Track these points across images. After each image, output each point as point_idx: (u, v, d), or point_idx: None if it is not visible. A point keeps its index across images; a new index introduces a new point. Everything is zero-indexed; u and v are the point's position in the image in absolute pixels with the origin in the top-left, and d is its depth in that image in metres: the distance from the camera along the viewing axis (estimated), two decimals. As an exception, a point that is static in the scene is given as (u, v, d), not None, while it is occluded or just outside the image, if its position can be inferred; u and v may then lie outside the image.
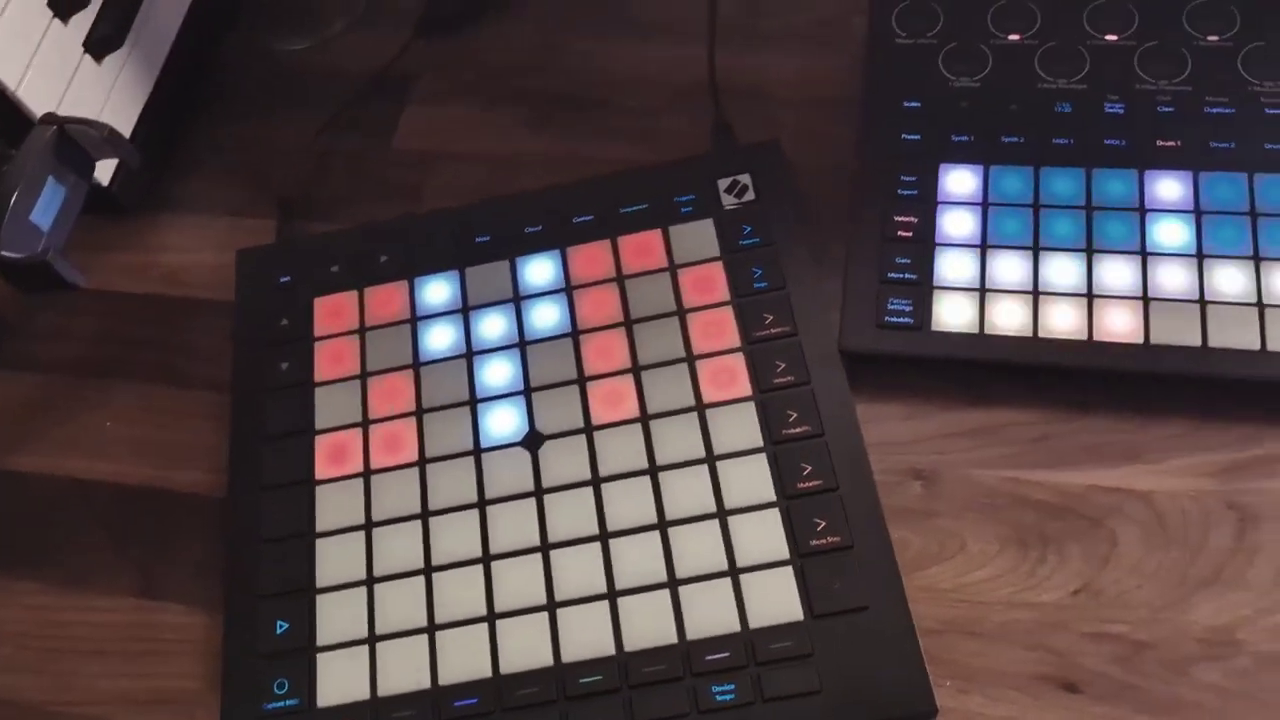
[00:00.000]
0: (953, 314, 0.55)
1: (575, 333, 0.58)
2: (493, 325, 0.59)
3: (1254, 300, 0.52)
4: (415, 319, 0.60)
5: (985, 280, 0.55)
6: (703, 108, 0.66)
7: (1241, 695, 0.46)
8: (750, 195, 0.61)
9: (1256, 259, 0.54)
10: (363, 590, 0.53)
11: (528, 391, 0.57)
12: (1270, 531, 0.49)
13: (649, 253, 0.60)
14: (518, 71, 0.71)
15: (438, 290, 0.61)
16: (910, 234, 0.57)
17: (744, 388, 0.55)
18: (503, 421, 0.56)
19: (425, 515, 0.54)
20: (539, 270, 0.60)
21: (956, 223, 0.57)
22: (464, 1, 0.74)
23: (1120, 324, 0.53)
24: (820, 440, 0.53)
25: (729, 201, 0.61)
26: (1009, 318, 0.54)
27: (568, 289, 0.60)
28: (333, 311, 0.61)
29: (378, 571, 0.53)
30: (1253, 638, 0.47)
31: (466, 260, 0.61)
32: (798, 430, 0.53)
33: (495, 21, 0.73)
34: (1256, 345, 0.51)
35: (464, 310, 0.60)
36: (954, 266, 0.56)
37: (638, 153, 0.65)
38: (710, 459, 0.53)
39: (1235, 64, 0.58)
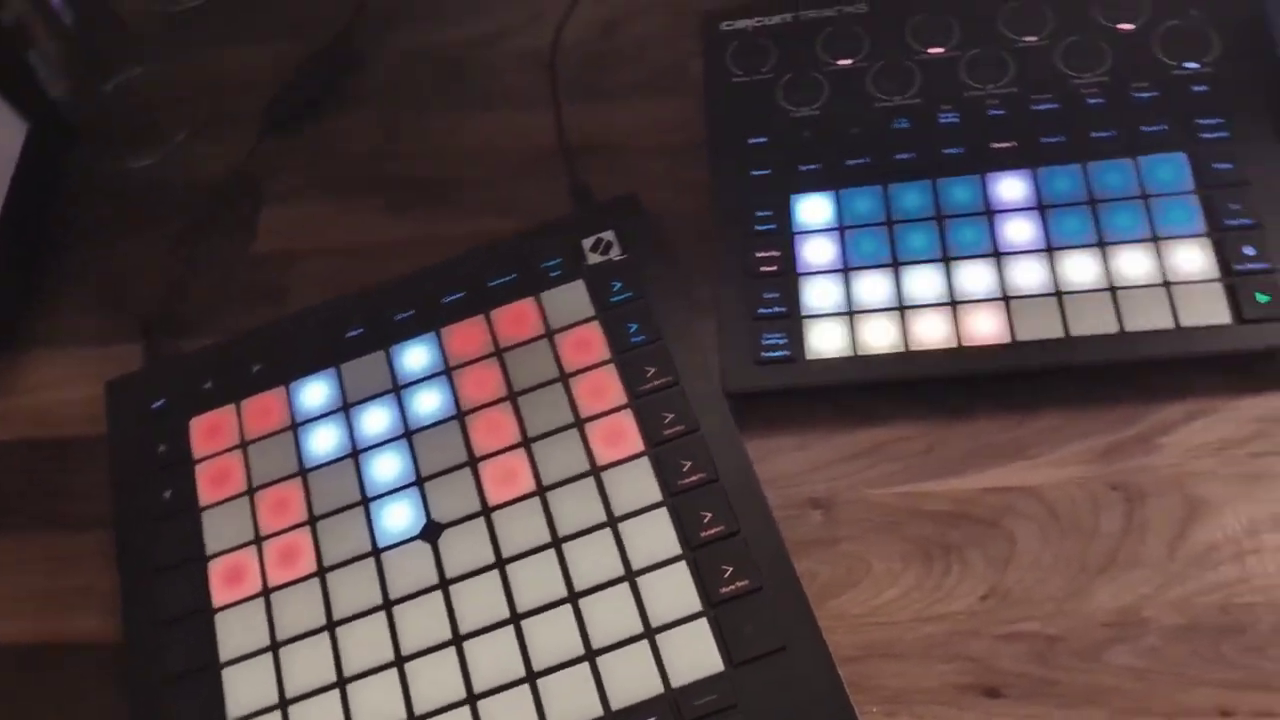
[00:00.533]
0: (826, 341, 0.56)
1: (460, 414, 0.57)
2: (376, 419, 0.58)
3: (1105, 285, 0.54)
4: (296, 425, 0.59)
5: (852, 302, 0.56)
6: (558, 170, 0.66)
7: (1155, 672, 0.47)
8: (616, 251, 0.61)
9: (1102, 245, 0.55)
10: (277, 715, 0.51)
11: (420, 482, 0.56)
12: (1156, 507, 0.50)
13: (524, 322, 0.60)
14: (368, 159, 0.70)
15: (315, 392, 0.60)
16: (774, 268, 0.58)
17: (635, 444, 0.55)
18: (398, 517, 0.55)
19: (331, 626, 0.53)
20: (415, 356, 0.60)
21: (816, 250, 0.58)
22: (304, 97, 0.73)
23: (986, 327, 0.54)
24: (716, 485, 0.53)
25: (595, 260, 0.61)
26: (880, 336, 0.55)
27: (447, 371, 0.59)
28: (211, 430, 0.60)
29: (290, 692, 0.52)
30: (1156, 614, 0.48)
31: (341, 356, 0.61)
32: (693, 479, 0.53)
33: (338, 113, 0.73)
34: (1115, 328, 0.53)
35: (345, 408, 0.59)
36: (820, 294, 0.57)
37: (500, 224, 0.65)
38: (612, 521, 0.53)
39: (1054, 61, 0.61)
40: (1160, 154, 0.57)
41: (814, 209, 0.59)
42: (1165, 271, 0.54)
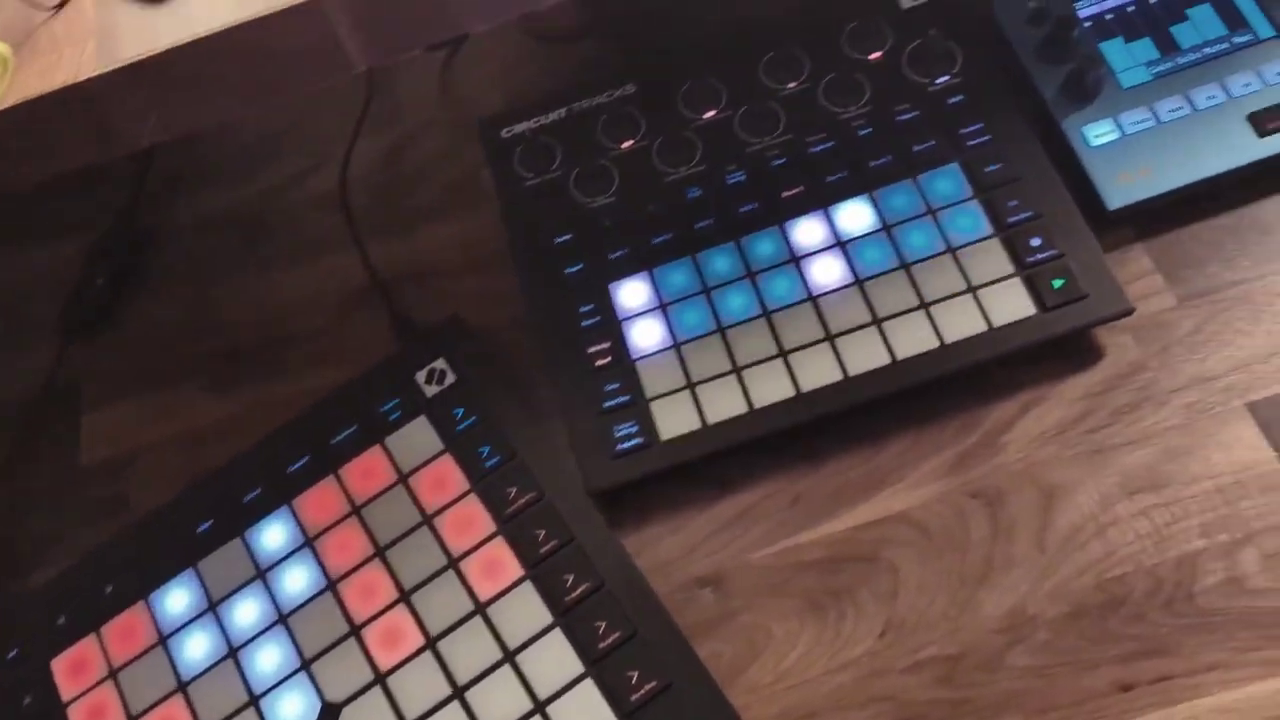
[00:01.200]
0: (675, 419, 0.56)
1: (331, 584, 0.56)
2: (247, 611, 0.56)
3: (918, 304, 0.57)
4: (165, 638, 0.56)
5: (691, 376, 0.57)
6: (377, 308, 0.66)
7: (1054, 666, 0.48)
8: (451, 378, 0.61)
9: (905, 267, 0.58)
10: None
11: (306, 665, 0.54)
12: (1016, 505, 0.52)
13: (375, 473, 0.59)
14: (181, 342, 0.68)
15: (177, 599, 0.57)
16: (609, 359, 0.59)
17: (514, 570, 0.54)
18: (292, 707, 0.53)
19: (247, 841, 0.50)
20: (273, 535, 0.58)
21: (645, 333, 0.59)
22: (100, 289, 0.71)
23: (818, 370, 0.56)
24: (604, 592, 0.53)
25: (433, 391, 0.60)
26: (724, 402, 0.56)
27: (309, 542, 0.57)
28: (75, 668, 0.57)
29: None
30: (1041, 608, 0.50)
31: (196, 554, 0.58)
32: (579, 591, 0.53)
33: (141, 297, 0.70)
34: (935, 343, 0.55)
35: (212, 607, 0.57)
36: (659, 374, 0.58)
37: (330, 376, 0.63)
38: (509, 656, 0.52)
39: (819, 101, 0.63)
40: (935, 169, 0.60)
41: (633, 293, 0.60)
42: (968, 278, 0.57)
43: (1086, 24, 0.62)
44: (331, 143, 0.73)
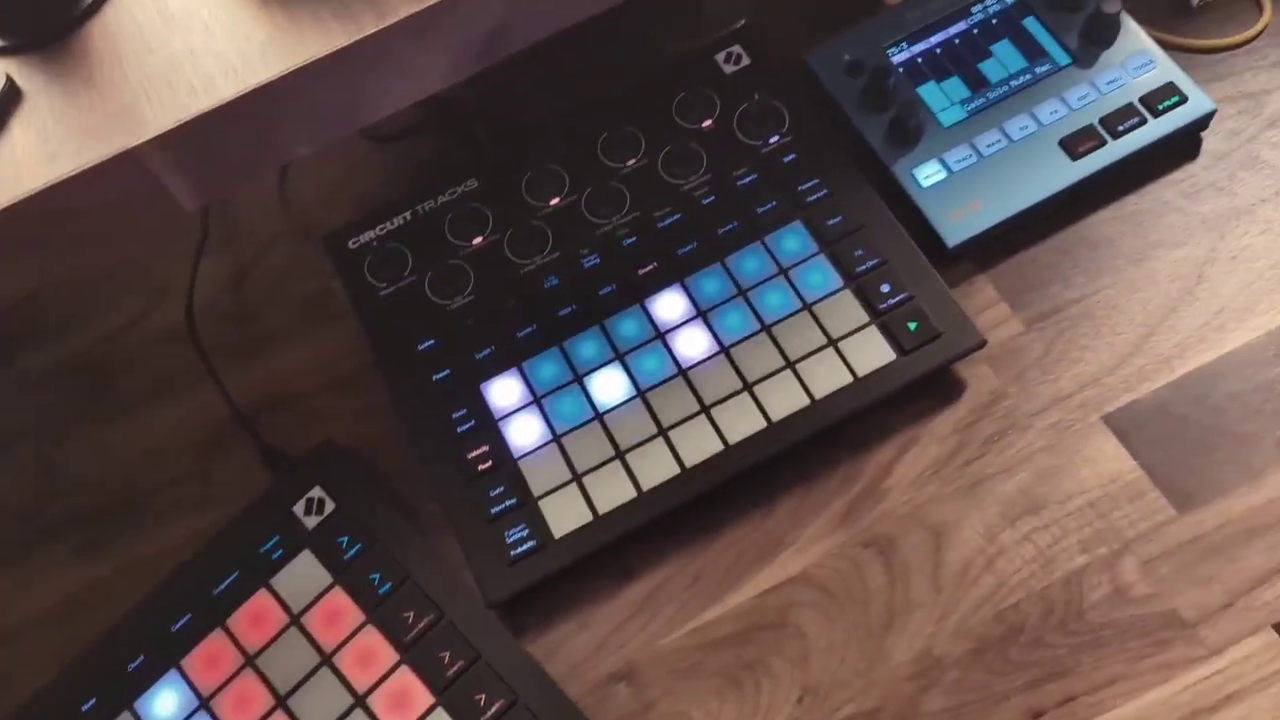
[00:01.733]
0: (565, 515, 0.56)
1: (235, 746, 0.53)
2: (147, 789, 0.53)
3: (784, 363, 0.58)
4: (60, 834, 0.53)
5: (576, 467, 0.57)
6: (242, 442, 0.63)
7: (966, 704, 0.50)
8: (331, 505, 0.59)
9: (767, 328, 0.59)
10: None
11: (219, 837, 0.51)
12: (906, 548, 0.54)
13: (265, 618, 0.56)
14: (36, 510, 0.64)
15: (69, 789, 0.54)
16: (489, 463, 0.58)
17: (424, 699, 0.53)
18: None
19: None
20: (164, 703, 0.55)
21: (523, 430, 0.59)
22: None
23: (698, 443, 0.56)
24: (519, 707, 0.52)
25: (313, 522, 0.58)
26: (613, 490, 0.56)
27: (203, 704, 0.55)
28: None
29: None
30: (946, 648, 0.51)
31: (84, 737, 0.55)
32: (494, 710, 0.52)
33: (-17, 469, 0.66)
34: (806, 400, 0.56)
35: (108, 791, 0.53)
36: (543, 472, 0.57)
37: (202, 522, 0.61)
38: (431, 788, 0.51)
39: (660, 175, 0.64)
40: (780, 228, 0.61)
41: (505, 391, 0.60)
42: (827, 332, 0.58)
43: (900, 70, 0.65)
44: (170, 274, 0.70)
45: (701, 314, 0.60)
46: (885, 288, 0.59)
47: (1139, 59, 0.62)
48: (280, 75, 0.49)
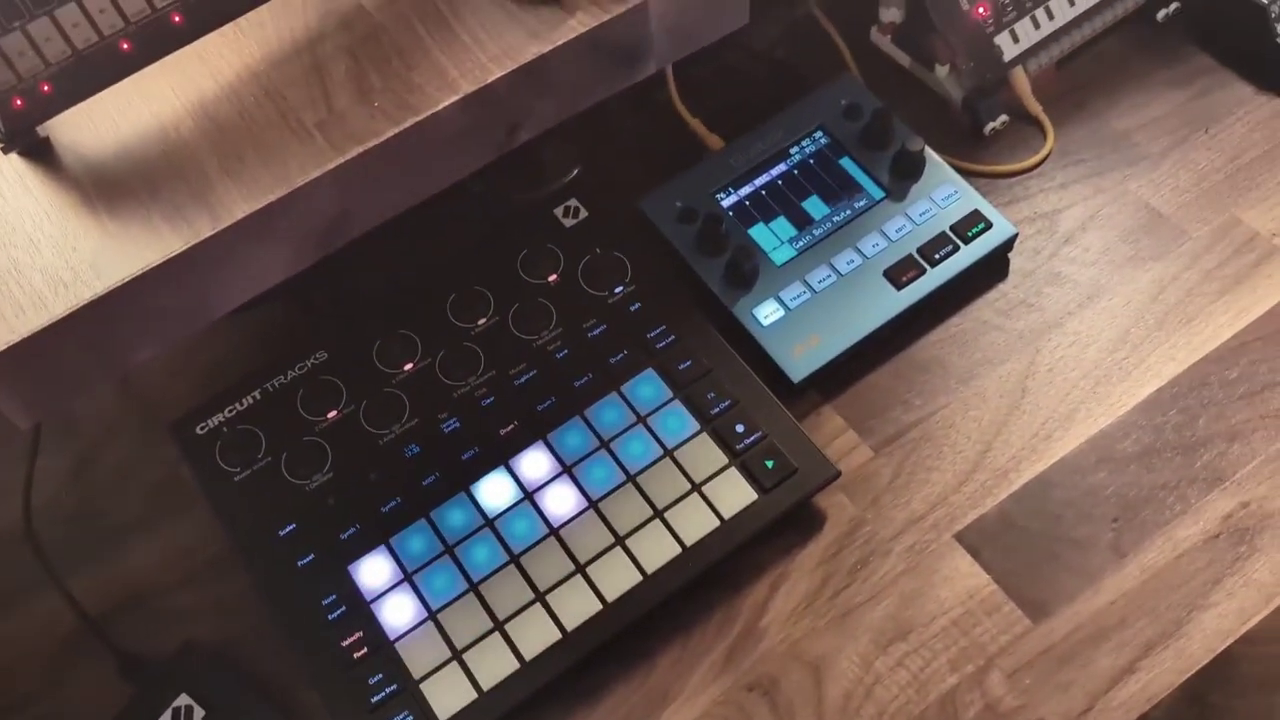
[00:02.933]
0: (449, 696, 0.55)
1: None
2: None
3: (652, 513, 0.59)
4: None
5: (455, 644, 0.56)
6: (96, 652, 0.60)
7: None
8: (200, 714, 0.57)
9: (631, 479, 0.60)
10: None
11: None
12: (788, 687, 0.55)
13: (137, 846, 0.53)
14: None
15: None
16: (366, 649, 0.57)
17: None
18: None
19: None
20: None
21: (397, 610, 0.58)
22: None
23: (577, 604, 0.57)
24: None
25: (182, 733, 0.56)
26: (494, 664, 0.56)
27: None
28: None
29: None
30: (840, 783, 0.52)
31: None
32: None
33: None
34: (677, 549, 0.58)
35: None
36: (422, 652, 0.56)
37: (56, 747, 0.57)
38: None
39: (510, 331, 0.65)
40: (634, 377, 0.63)
41: (375, 570, 0.59)
42: (690, 477, 0.60)
43: (730, 214, 0.68)
44: (1, 473, 0.66)
45: (567, 469, 0.61)
46: (740, 428, 0.61)
47: (945, 189, 0.68)
48: (114, 287, 0.48)
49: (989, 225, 0.66)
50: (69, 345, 0.48)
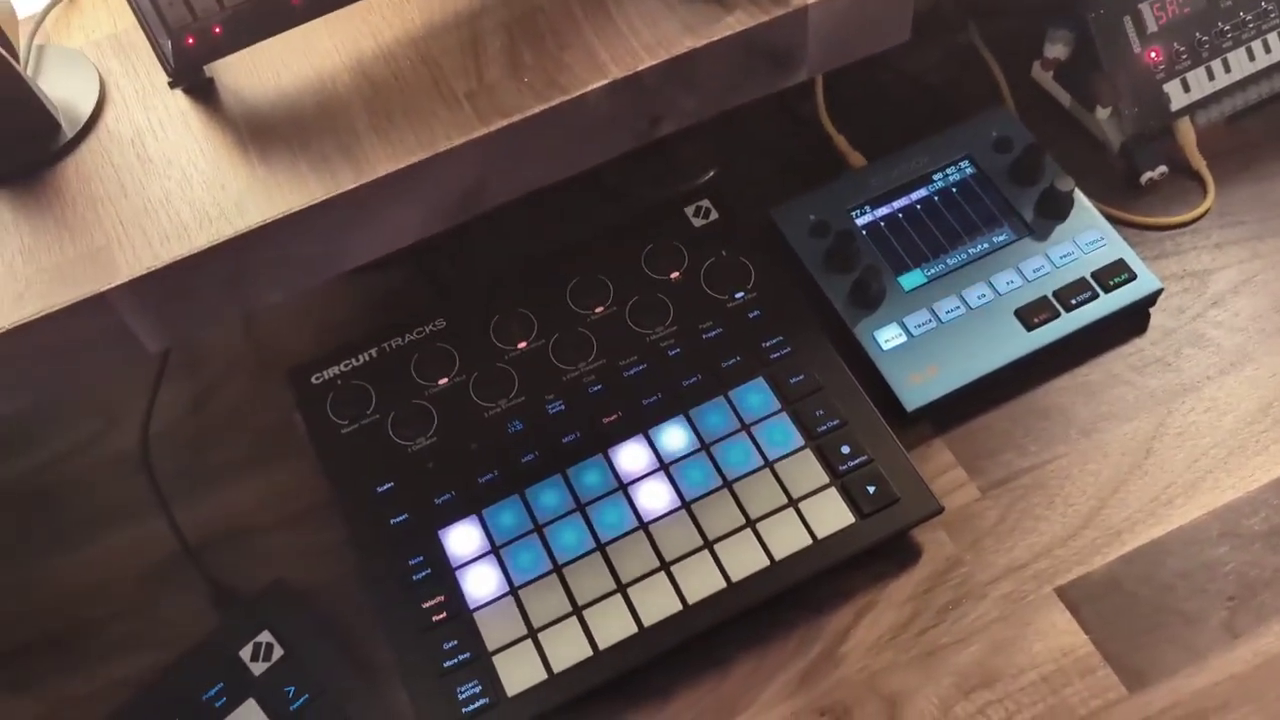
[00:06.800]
0: (520, 672, 0.55)
1: None
2: None
3: (744, 522, 0.58)
4: None
5: (532, 622, 0.56)
6: (191, 578, 0.62)
7: None
8: (279, 652, 0.58)
9: (728, 484, 0.59)
10: None
11: None
12: (861, 718, 0.53)
13: (204, 770, 0.55)
14: (-36, 645, 0.62)
15: None
16: (445, 614, 0.57)
17: None
18: None
19: None
20: None
21: (480, 581, 0.58)
22: None
23: (657, 601, 0.56)
24: None
25: (260, 669, 0.57)
26: (568, 648, 0.55)
27: None
28: None
29: None
30: (900, 824, 0.51)
31: None
32: None
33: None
34: (765, 561, 0.57)
35: None
36: (499, 624, 0.57)
37: (143, 662, 0.59)
38: None
39: (626, 323, 0.65)
40: (743, 384, 0.62)
41: (464, 539, 0.59)
42: (788, 491, 0.59)
43: (864, 233, 0.67)
44: (125, 398, 0.69)
45: (664, 466, 0.60)
46: (845, 449, 0.59)
47: (1091, 234, 0.65)
48: (255, 226, 0.49)
49: (1133, 277, 0.63)
50: (205, 277, 0.50)
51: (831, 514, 0.58)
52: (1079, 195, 0.66)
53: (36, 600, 0.63)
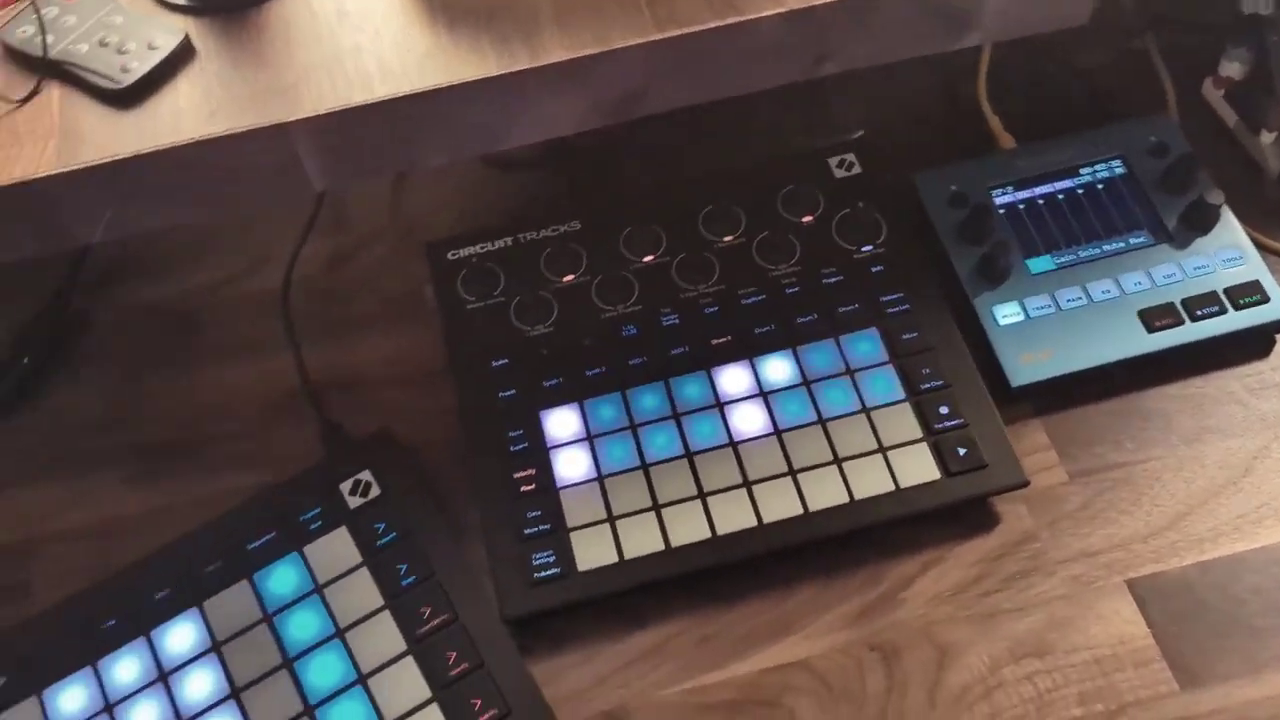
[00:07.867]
0: (593, 551, 0.58)
1: (235, 692, 0.56)
2: (145, 715, 0.55)
3: (831, 459, 0.60)
4: (56, 742, 0.55)
5: (612, 509, 0.59)
6: (305, 414, 0.66)
7: (936, 819, 0.51)
8: (375, 491, 0.61)
9: (822, 421, 0.61)
10: None
11: (201, 776, 0.53)
12: (911, 661, 0.55)
13: (290, 582, 0.59)
14: (102, 429, 0.68)
15: (72, 698, 0.56)
16: (533, 486, 0.60)
17: (422, 692, 0.55)
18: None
19: None
20: (179, 637, 0.57)
21: (570, 462, 0.61)
22: (24, 368, 0.70)
23: (734, 515, 0.58)
24: (509, 720, 0.53)
25: (356, 503, 0.61)
26: (642, 539, 0.58)
27: (215, 647, 0.57)
28: (-46, 763, 0.55)
29: None
30: (929, 763, 0.52)
31: (98, 652, 0.57)
32: (485, 717, 0.53)
33: (64, 381, 0.70)
34: (845, 498, 0.58)
35: (108, 708, 0.56)
36: (581, 505, 0.59)
37: (252, 479, 0.64)
38: (410, 780, 0.52)
39: (753, 257, 0.67)
40: (856, 331, 0.64)
41: (562, 422, 0.62)
42: (879, 438, 0.60)
43: (1001, 211, 0.67)
44: (273, 243, 0.74)
45: (763, 394, 0.62)
46: (944, 409, 0.61)
47: (1230, 251, 0.65)
48: (432, 88, 0.53)
49: (1265, 299, 0.63)
50: (379, 129, 0.54)
51: (918, 467, 0.59)
52: (1226, 211, 0.65)
53: (170, 407, 0.68)
